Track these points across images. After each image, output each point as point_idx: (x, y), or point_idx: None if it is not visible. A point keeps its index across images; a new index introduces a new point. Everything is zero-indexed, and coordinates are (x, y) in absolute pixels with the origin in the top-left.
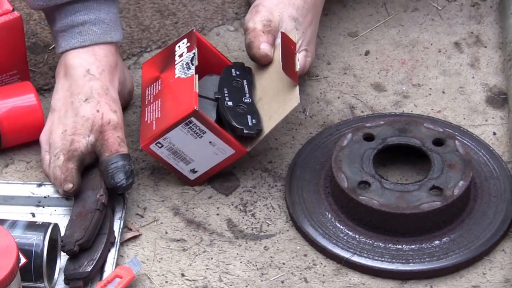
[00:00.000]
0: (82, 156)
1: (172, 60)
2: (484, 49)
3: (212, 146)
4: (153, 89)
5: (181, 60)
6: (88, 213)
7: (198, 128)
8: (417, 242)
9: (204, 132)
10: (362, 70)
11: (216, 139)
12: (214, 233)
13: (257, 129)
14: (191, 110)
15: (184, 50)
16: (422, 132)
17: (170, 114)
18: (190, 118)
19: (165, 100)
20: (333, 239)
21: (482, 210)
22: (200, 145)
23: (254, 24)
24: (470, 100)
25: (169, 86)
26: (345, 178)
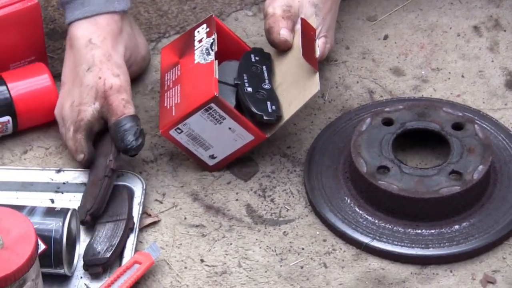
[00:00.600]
0: (89, 125)
1: (191, 45)
2: (503, 33)
3: (231, 132)
4: (172, 74)
5: (200, 46)
6: (98, 182)
7: (218, 114)
8: (436, 227)
9: (223, 118)
10: (381, 55)
11: (236, 125)
12: (233, 219)
13: (277, 116)
14: (211, 96)
15: (204, 36)
16: (441, 117)
17: (190, 100)
18: (210, 104)
19: (184, 85)
20: (353, 224)
21: (502, 194)
22: (220, 131)
23: (274, 9)
24: (490, 84)
25: (189, 72)
26: (364, 163)
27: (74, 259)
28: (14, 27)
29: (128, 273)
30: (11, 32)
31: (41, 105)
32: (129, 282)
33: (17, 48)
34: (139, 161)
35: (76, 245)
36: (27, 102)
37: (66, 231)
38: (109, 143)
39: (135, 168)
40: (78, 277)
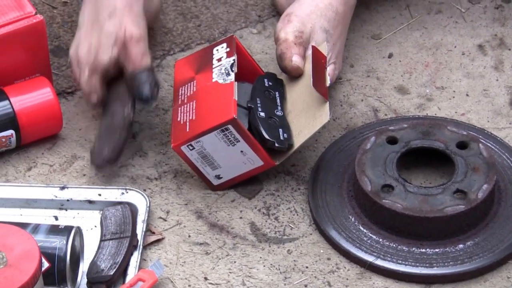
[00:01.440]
0: (105, 68)
1: (209, 63)
2: (508, 52)
3: (242, 156)
4: (187, 89)
5: (219, 65)
6: (117, 129)
7: (232, 136)
8: (441, 246)
9: (238, 141)
10: (386, 73)
11: (248, 149)
12: (237, 237)
13: (288, 144)
14: (230, 118)
15: (223, 55)
16: (446, 135)
17: (206, 118)
18: (228, 126)
19: (201, 102)
20: (357, 243)
21: (506, 213)
22: (231, 153)
23: (286, 35)
24: (494, 102)
25: (206, 89)
26: (369, 182)
27: (77, 277)
28: (19, 44)
29: None
30: (16, 49)
31: (44, 118)
32: None
33: (21, 65)
34: (143, 178)
35: (80, 263)
36: (30, 115)
37: (70, 249)
38: (126, 91)
39: (139, 186)
40: None
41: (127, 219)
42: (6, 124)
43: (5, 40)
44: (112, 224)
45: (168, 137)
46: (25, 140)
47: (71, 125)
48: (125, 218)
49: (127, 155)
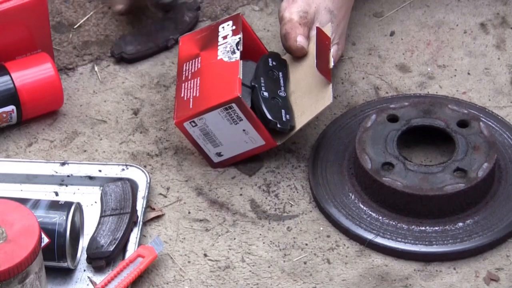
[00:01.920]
0: None
1: (214, 40)
2: (510, 30)
3: (244, 134)
4: (191, 66)
5: (225, 42)
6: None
7: (236, 115)
8: (440, 224)
9: (240, 120)
10: (387, 51)
11: (251, 128)
12: (237, 214)
13: (290, 125)
14: (234, 96)
15: (229, 33)
16: (447, 114)
17: (210, 96)
18: (231, 104)
19: (205, 79)
20: (356, 220)
21: (507, 192)
22: (233, 131)
23: (291, 15)
24: (496, 81)
25: (211, 66)
26: (369, 160)
27: (77, 253)
28: (20, 20)
29: (131, 267)
30: (17, 25)
31: (45, 94)
32: (132, 276)
33: (23, 41)
34: (144, 154)
35: (80, 239)
36: (31, 91)
37: (70, 224)
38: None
39: (140, 162)
40: (82, 270)
41: (127, 195)
42: (7, 100)
43: (6, 16)
44: (112, 200)
45: (170, 114)
46: (26, 116)
47: (72, 101)
48: (125, 194)
49: (128, 131)
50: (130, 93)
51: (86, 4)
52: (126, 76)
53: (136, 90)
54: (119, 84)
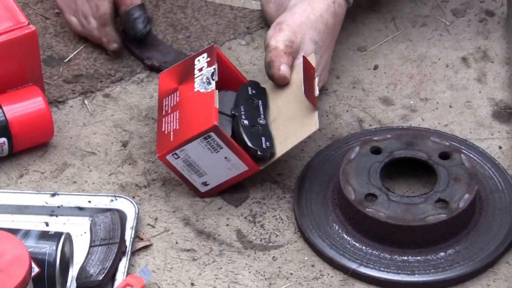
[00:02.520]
0: (111, 17)
1: (191, 73)
2: (491, 64)
3: (227, 162)
4: (171, 100)
5: (200, 74)
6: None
7: (215, 143)
8: (422, 253)
9: (221, 148)
10: (371, 84)
11: (232, 155)
12: (223, 244)
13: (270, 152)
14: (211, 125)
15: (204, 65)
16: (429, 146)
17: (189, 127)
18: (210, 133)
19: (184, 112)
20: (340, 250)
21: (487, 222)
22: (215, 159)
23: (277, 43)
24: (477, 114)
25: (188, 99)
26: (353, 191)
27: (67, 282)
28: (12, 54)
29: None
30: (9, 58)
31: (36, 127)
32: None
33: (14, 74)
34: (132, 185)
35: (70, 268)
36: (22, 124)
37: (59, 254)
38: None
39: (129, 193)
40: None
41: (116, 225)
42: None
43: None
44: (101, 231)
45: None
46: (17, 148)
47: (62, 133)
48: (114, 224)
49: (117, 162)
50: (119, 125)
51: (76, 38)
52: (116, 108)
53: (125, 123)
54: (109, 117)
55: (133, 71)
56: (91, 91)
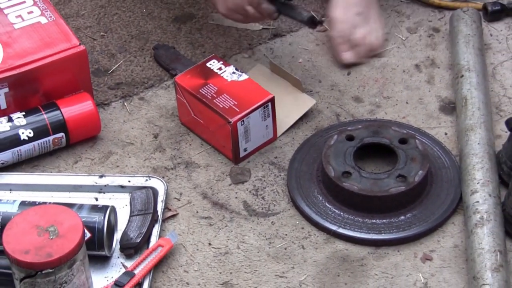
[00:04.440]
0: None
1: (212, 73)
2: (437, 69)
3: (265, 129)
4: (209, 90)
5: (224, 71)
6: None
7: (267, 113)
8: (387, 217)
9: (268, 116)
10: (345, 87)
11: (271, 124)
12: (233, 212)
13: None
14: (271, 96)
15: (221, 66)
16: (391, 134)
17: (249, 101)
18: (268, 103)
19: (233, 93)
20: (324, 216)
21: (437, 192)
22: (261, 126)
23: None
24: (427, 108)
25: (229, 86)
26: (332, 169)
27: (113, 244)
28: (67, 68)
29: (154, 254)
30: (65, 71)
31: (87, 124)
32: (154, 261)
33: (70, 84)
34: (162, 168)
35: (114, 233)
36: (76, 122)
37: (106, 223)
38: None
39: (159, 174)
40: (116, 257)
41: (150, 199)
42: (58, 128)
43: (57, 65)
44: (138, 203)
45: (182, 137)
46: (73, 140)
47: (107, 129)
48: (149, 198)
49: (150, 150)
50: (151, 121)
51: (117, 54)
52: (148, 108)
53: (156, 119)
54: (143, 115)
55: (161, 79)
56: (129, 95)
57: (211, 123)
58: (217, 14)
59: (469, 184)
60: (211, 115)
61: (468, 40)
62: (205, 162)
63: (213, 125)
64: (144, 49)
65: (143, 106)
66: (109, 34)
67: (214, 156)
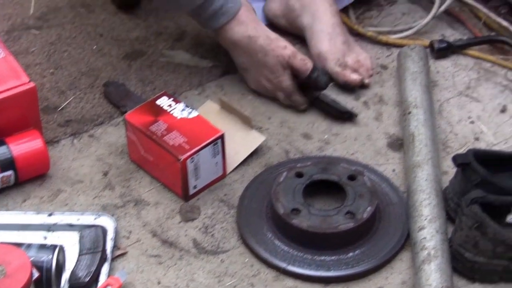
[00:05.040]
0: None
1: (162, 110)
2: (385, 106)
3: (215, 166)
4: (159, 127)
5: (174, 108)
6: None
7: (217, 150)
8: (336, 254)
9: (218, 153)
10: (295, 123)
11: (221, 161)
12: (183, 250)
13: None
14: (221, 133)
15: (171, 103)
16: (339, 170)
17: (199, 138)
18: (218, 140)
19: (183, 130)
20: (273, 253)
21: (385, 229)
22: (210, 163)
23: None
24: (375, 145)
25: (179, 122)
26: (281, 206)
27: (61, 283)
28: (17, 105)
29: None
30: (14, 108)
31: (36, 161)
32: None
33: (19, 121)
34: (111, 206)
35: (63, 272)
36: (25, 159)
37: (55, 262)
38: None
39: (109, 212)
40: None
41: (99, 237)
42: (7, 166)
43: (6, 102)
44: (87, 242)
45: (131, 175)
46: (21, 178)
47: (57, 166)
48: (98, 237)
49: (100, 188)
50: (101, 159)
51: (67, 91)
52: (98, 146)
53: (106, 157)
54: (93, 153)
55: (111, 117)
56: (79, 133)
57: (161, 161)
58: (167, 51)
59: (416, 220)
60: (161, 153)
61: (415, 77)
62: (155, 199)
63: (163, 162)
64: (94, 86)
65: (93, 144)
66: (59, 71)
67: (164, 193)
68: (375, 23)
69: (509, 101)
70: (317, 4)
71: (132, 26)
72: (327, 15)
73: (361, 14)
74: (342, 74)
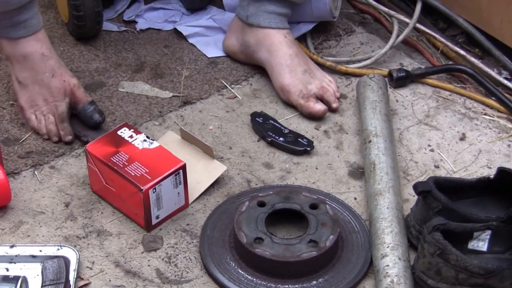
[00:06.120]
0: (68, 114)
1: (123, 141)
2: (346, 135)
3: (177, 196)
4: (120, 158)
5: (136, 139)
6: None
7: (179, 180)
8: (299, 282)
9: (180, 184)
10: (256, 153)
11: (183, 191)
12: (146, 280)
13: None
14: (182, 164)
15: (132, 134)
16: (301, 199)
17: (160, 168)
18: (179, 170)
19: (145, 161)
20: (237, 282)
21: (348, 257)
22: (172, 194)
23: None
24: (337, 173)
25: (140, 153)
26: (244, 236)
27: None
28: None
29: None
30: None
31: None
32: None
33: None
34: (74, 237)
35: None
36: None
37: None
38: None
39: (71, 243)
40: None
41: (62, 269)
42: None
43: None
44: (50, 273)
45: (93, 205)
46: None
47: (18, 198)
48: (60, 268)
49: (62, 219)
50: (63, 190)
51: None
52: (59, 177)
53: (67, 188)
54: (54, 184)
55: (72, 148)
56: (40, 164)
57: (123, 191)
58: (127, 82)
59: (379, 248)
60: (123, 183)
61: (375, 106)
62: (117, 230)
63: (125, 193)
64: None
65: (54, 175)
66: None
67: (126, 224)
68: (334, 52)
69: (468, 129)
70: (272, 38)
71: (92, 58)
72: (283, 47)
73: (319, 44)
74: (306, 106)
